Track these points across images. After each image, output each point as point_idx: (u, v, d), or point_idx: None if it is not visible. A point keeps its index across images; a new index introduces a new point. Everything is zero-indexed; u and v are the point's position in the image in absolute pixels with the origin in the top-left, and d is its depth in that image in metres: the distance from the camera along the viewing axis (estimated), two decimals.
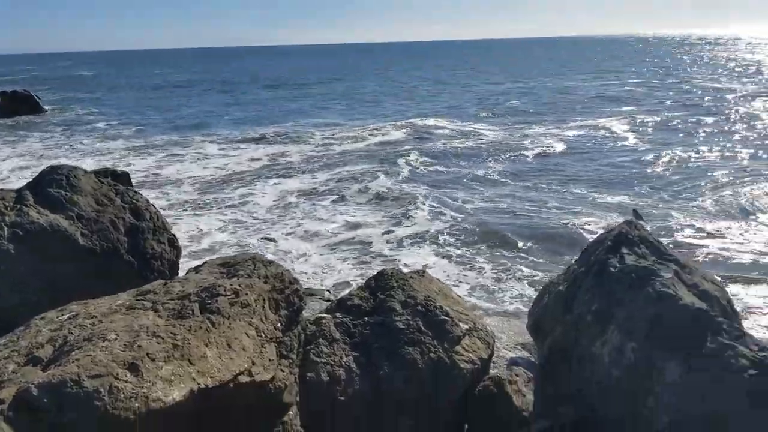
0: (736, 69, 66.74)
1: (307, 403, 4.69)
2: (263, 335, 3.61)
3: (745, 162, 23.03)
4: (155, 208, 7.85)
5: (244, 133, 32.59)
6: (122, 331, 3.64)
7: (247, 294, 3.72)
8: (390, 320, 5.34)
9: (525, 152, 26.15)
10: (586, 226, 15.12)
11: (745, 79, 54.86)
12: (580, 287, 6.35)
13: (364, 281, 6.24)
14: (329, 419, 4.82)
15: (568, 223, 15.47)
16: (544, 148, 26.88)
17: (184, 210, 17.55)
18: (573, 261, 7.30)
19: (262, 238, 14.61)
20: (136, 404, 3.10)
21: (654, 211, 16.55)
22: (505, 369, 5.97)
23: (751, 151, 24.59)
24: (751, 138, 27.42)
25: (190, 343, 3.35)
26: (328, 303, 7.29)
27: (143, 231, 7.21)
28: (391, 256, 13.28)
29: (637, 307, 5.54)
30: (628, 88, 52.49)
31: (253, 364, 3.38)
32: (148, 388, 3.16)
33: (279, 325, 3.82)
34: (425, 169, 23.20)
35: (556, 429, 5.70)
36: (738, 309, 9.78)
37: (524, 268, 12.50)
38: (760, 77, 56.38)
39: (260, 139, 30.53)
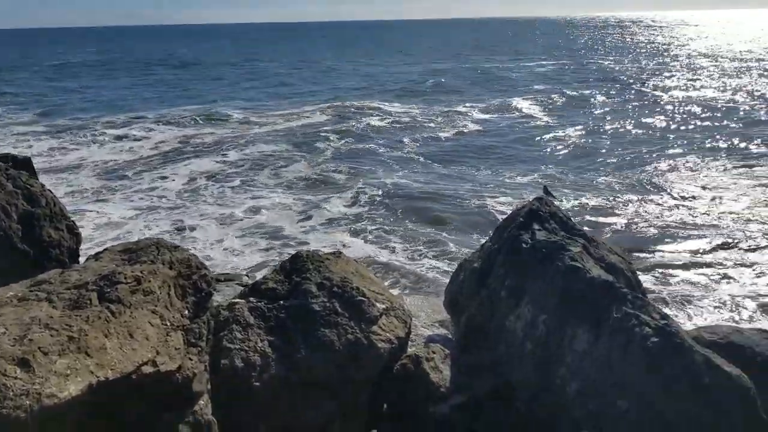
0: (648, 51, 69.88)
1: (221, 391, 4.54)
2: (169, 323, 3.42)
3: (645, 139, 24.38)
4: (52, 193, 7.33)
5: (155, 114, 31.20)
6: (12, 325, 3.35)
7: (150, 281, 3.51)
8: (306, 303, 5.23)
9: (441, 132, 26.50)
10: (500, 204, 15.54)
11: (651, 61, 57.56)
12: (494, 263, 6.47)
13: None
14: (245, 405, 4.68)
15: (482, 201, 15.81)
16: (460, 128, 27.39)
17: (90, 196, 16.62)
18: (488, 238, 7.43)
19: (174, 224, 14.08)
20: (28, 402, 2.86)
21: (563, 188, 17.24)
22: (423, 347, 6.00)
23: (652, 129, 26.10)
24: (652, 116, 29.02)
25: (87, 335, 3.12)
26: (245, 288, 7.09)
27: (39, 218, 6.72)
28: (305, 239, 13.10)
29: (548, 281, 5.70)
30: (542, 69, 54.06)
31: (158, 353, 3.19)
32: (40, 383, 2.93)
33: (186, 312, 3.64)
34: (344, 149, 23.05)
35: (472, 402, 5.80)
36: (642, 279, 10.50)
37: (441, 247, 12.67)
38: (667, 59, 59.33)
39: (171, 121, 29.31)
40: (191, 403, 3.51)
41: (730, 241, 12.91)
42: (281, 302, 5.28)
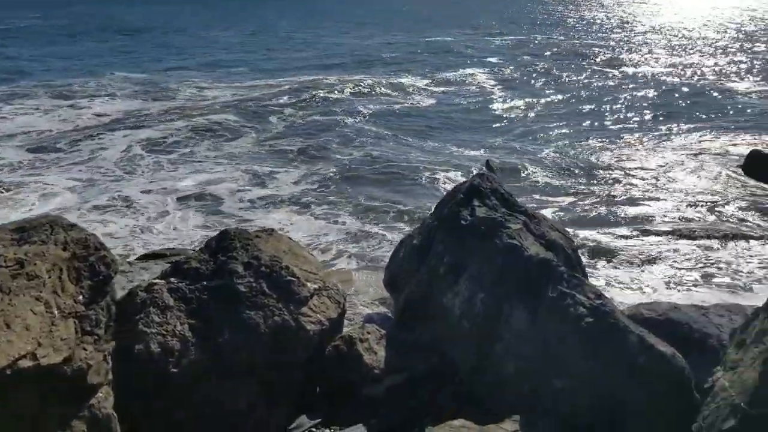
0: (606, 27, 70.41)
1: (135, 379, 4.24)
2: (57, 311, 3.10)
3: (595, 114, 24.61)
4: None
5: (97, 83, 29.86)
6: None
7: (35, 264, 3.16)
8: (231, 283, 4.95)
9: (395, 105, 26.26)
10: (449, 180, 15.41)
11: (609, 36, 58.08)
12: (433, 240, 6.28)
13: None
14: (162, 394, 4.40)
15: (434, 175, 15.66)
16: (415, 101, 27.20)
17: (25, 167, 15.81)
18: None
19: (112, 198, 13.49)
20: None
21: (511, 160, 17.27)
22: (359, 327, 5.80)
23: (602, 104, 26.38)
24: (604, 91, 29.30)
25: None
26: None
27: None
28: (248, 216, 12.70)
29: (486, 258, 5.54)
30: (499, 43, 53.86)
31: (39, 345, 2.87)
32: None
33: (81, 297, 3.31)
34: (296, 123, 22.52)
35: (408, 382, 5.65)
36: (584, 256, 10.53)
37: (392, 222, 12.49)
38: (629, 32, 59.86)
39: (115, 90, 28.13)
40: (87, 396, 3.22)
41: (675, 215, 13.15)
42: (204, 283, 4.98)
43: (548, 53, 45.44)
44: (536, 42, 55.18)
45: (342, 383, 5.31)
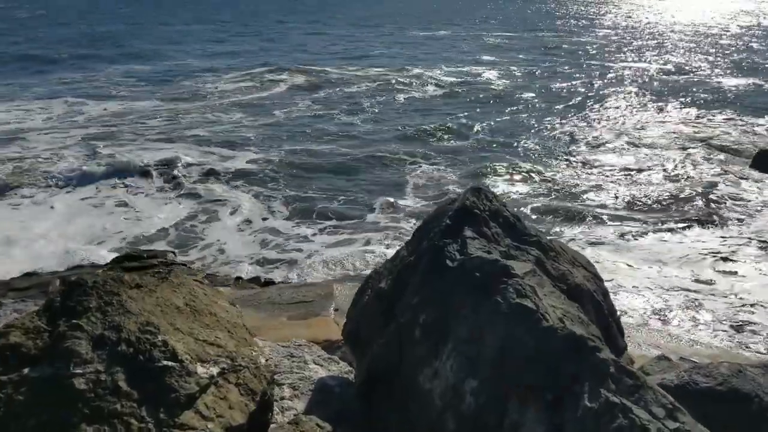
0: (597, 24, 69.16)
1: None
2: None
3: (579, 107, 25.31)
4: None
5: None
6: None
7: None
8: (64, 375, 3.04)
9: (368, 99, 26.29)
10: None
11: (599, 34, 57.06)
12: (407, 285, 4.38)
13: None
14: None
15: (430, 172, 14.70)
16: (394, 95, 27.28)
17: None
18: (404, 244, 5.30)
19: None
20: None
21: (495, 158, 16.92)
22: (290, 422, 3.89)
23: (589, 98, 26.53)
24: (593, 87, 29.34)
25: None
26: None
27: None
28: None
29: (482, 324, 3.64)
30: (492, 41, 52.61)
31: None
32: None
33: None
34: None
35: None
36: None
37: (364, 227, 10.93)
38: (611, 31, 59.24)
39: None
40: None
41: (660, 204, 14.48)
42: (25, 371, 3.07)
43: (539, 49, 44.92)
44: (530, 38, 54.00)
45: None
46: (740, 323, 10.31)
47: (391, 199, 13.71)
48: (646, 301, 10.51)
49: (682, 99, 28.06)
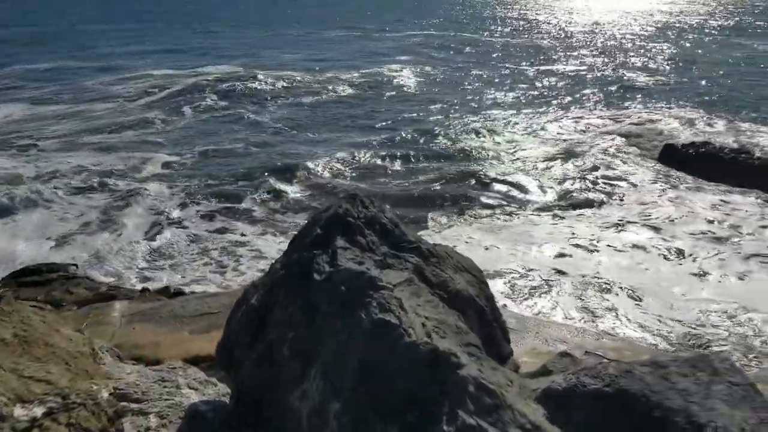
0: (515, 24, 70.84)
1: None
2: None
3: (489, 105, 25.81)
4: None
5: None
6: None
7: None
8: None
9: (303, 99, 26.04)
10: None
11: (517, 32, 58.55)
12: (277, 300, 4.10)
13: None
14: None
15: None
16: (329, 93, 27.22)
17: None
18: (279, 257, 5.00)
19: None
20: None
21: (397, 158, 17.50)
22: None
23: (503, 95, 27.08)
24: (506, 85, 30.03)
25: None
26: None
27: None
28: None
29: (346, 342, 3.41)
30: (412, 40, 52.96)
31: None
32: None
33: None
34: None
35: None
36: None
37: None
38: (527, 32, 60.82)
39: None
40: None
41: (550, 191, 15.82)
42: None
43: (455, 48, 45.59)
44: (449, 37, 54.75)
45: None
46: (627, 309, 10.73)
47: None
48: (538, 290, 11.00)
49: (592, 95, 29.11)
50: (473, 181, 16.55)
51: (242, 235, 12.26)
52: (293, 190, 15.33)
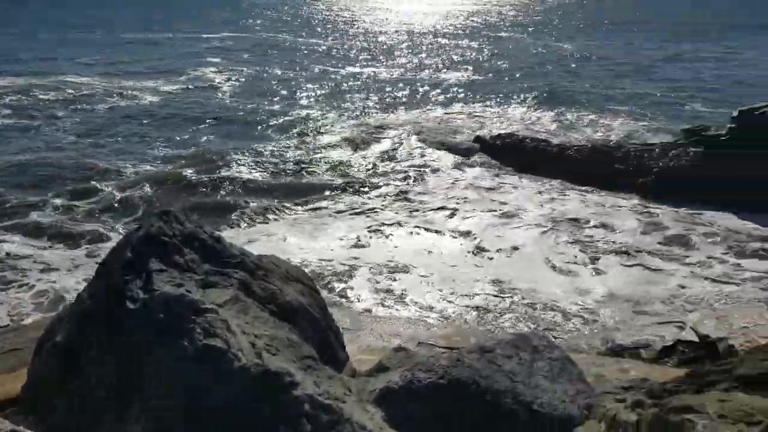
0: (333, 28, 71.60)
1: None
2: None
3: (305, 108, 25.96)
4: None
5: None
6: None
7: None
8: None
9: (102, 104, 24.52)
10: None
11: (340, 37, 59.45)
12: (85, 335, 3.67)
13: None
14: None
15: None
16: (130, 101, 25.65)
17: None
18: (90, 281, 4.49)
19: None
20: None
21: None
22: None
23: (319, 101, 27.40)
24: (322, 89, 30.31)
25: None
26: None
27: None
28: None
29: (171, 373, 3.13)
30: (220, 44, 51.37)
31: None
32: None
33: None
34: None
35: None
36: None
37: None
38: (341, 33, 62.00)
39: None
40: None
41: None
42: None
43: (267, 51, 45.32)
44: (260, 38, 54.16)
45: None
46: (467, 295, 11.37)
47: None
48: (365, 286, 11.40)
49: (410, 94, 30.16)
50: (279, 180, 16.94)
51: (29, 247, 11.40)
52: (86, 203, 14.44)
